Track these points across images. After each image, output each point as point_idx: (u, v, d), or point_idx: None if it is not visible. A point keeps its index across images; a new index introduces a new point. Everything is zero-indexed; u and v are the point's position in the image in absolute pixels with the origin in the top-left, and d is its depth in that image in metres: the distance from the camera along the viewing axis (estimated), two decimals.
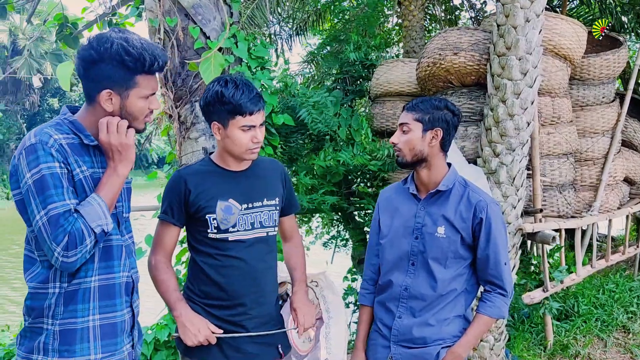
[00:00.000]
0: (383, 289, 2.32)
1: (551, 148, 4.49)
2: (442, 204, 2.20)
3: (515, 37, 3.67)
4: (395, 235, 2.27)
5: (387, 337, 2.25)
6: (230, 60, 4.09)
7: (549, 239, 3.92)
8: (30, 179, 1.60)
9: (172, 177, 2.24)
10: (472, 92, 4.22)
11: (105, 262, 1.78)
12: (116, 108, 1.73)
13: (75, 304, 1.71)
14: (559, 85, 4.44)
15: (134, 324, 1.91)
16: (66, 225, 1.58)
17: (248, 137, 2.10)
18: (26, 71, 32.89)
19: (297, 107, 4.62)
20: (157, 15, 4.07)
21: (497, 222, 2.17)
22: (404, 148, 2.18)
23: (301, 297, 2.37)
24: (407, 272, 2.22)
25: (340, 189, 5.04)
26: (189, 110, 4.12)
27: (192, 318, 2.14)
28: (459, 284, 2.20)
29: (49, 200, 1.58)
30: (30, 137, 1.65)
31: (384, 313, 2.29)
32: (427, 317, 2.18)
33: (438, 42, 4.25)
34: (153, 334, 4.26)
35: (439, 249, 2.17)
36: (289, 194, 2.39)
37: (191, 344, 2.11)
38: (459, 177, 2.26)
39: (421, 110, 2.16)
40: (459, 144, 4.11)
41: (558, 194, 4.53)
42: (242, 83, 2.09)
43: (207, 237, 2.17)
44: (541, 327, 4.71)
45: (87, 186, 1.70)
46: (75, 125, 1.73)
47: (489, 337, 3.93)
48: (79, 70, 1.72)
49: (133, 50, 1.67)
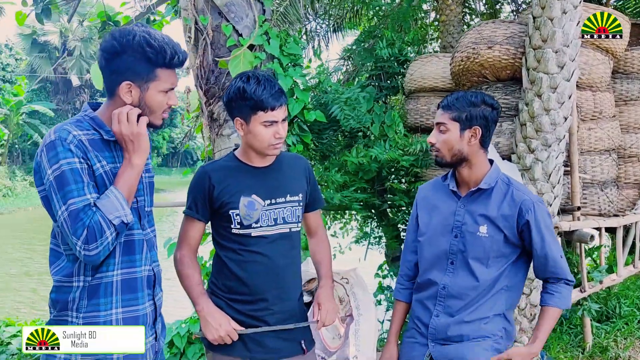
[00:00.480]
0: (421, 287, 2.27)
1: (592, 144, 4.35)
2: (483, 202, 2.13)
3: (552, 30, 3.56)
4: (433, 233, 2.22)
5: (424, 335, 2.20)
6: (262, 57, 4.12)
7: (586, 238, 3.80)
8: (52, 175, 1.63)
9: (197, 172, 2.27)
10: (507, 87, 4.12)
11: (127, 256, 1.80)
12: (135, 100, 1.75)
13: (98, 297, 1.74)
14: (600, 79, 4.30)
15: (157, 316, 1.94)
16: (85, 219, 1.61)
17: (270, 133, 2.10)
18: (76, 71, 34.04)
19: (329, 103, 4.62)
20: (191, 13, 4.13)
21: (545, 220, 2.09)
22: (442, 148, 2.12)
23: (326, 293, 2.34)
24: (445, 271, 2.17)
25: (372, 186, 5.00)
26: (222, 108, 4.17)
27: (214, 312, 2.15)
28: (500, 282, 2.13)
29: (69, 196, 1.61)
30: (50, 134, 1.68)
31: (421, 311, 2.24)
32: (464, 316, 2.13)
33: (472, 36, 4.17)
34: (187, 327, 4.35)
35: (481, 248, 2.10)
36: (313, 190, 2.37)
37: (212, 338, 2.13)
38: (501, 175, 2.17)
39: (457, 108, 2.08)
40: (494, 140, 4.02)
41: (599, 191, 4.39)
42: (264, 79, 2.10)
43: (230, 232, 2.19)
44: (580, 328, 4.57)
45: (108, 180, 1.73)
46: (96, 121, 1.77)
47: (523, 337, 3.83)
48: (101, 63, 1.74)
49: (155, 43, 1.70)
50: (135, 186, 1.77)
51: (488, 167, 2.16)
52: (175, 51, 1.75)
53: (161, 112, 1.81)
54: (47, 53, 33.92)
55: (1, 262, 15.01)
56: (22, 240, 18.22)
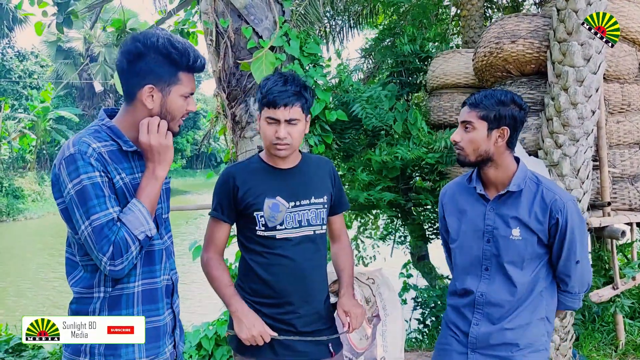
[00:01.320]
0: (457, 295, 2.20)
1: (621, 137, 4.25)
2: (513, 205, 2.05)
3: (577, 22, 3.49)
4: (464, 239, 2.15)
5: (464, 344, 2.13)
6: (282, 58, 4.12)
7: (618, 234, 3.71)
8: (72, 190, 1.61)
9: (222, 174, 2.27)
10: (532, 81, 4.05)
11: (148, 267, 1.79)
12: (156, 105, 1.72)
13: (120, 309, 1.72)
14: (628, 71, 4.20)
15: (175, 324, 1.92)
16: (110, 235, 1.59)
17: (271, 131, 2.09)
18: (101, 77, 34.56)
19: (350, 102, 4.59)
20: (211, 17, 4.15)
21: (574, 220, 2.02)
22: (467, 147, 2.04)
23: (349, 300, 2.30)
24: (481, 278, 2.10)
25: (397, 185, 4.97)
26: (244, 110, 4.18)
27: (248, 313, 2.15)
28: (538, 285, 2.07)
29: (92, 211, 1.59)
30: (69, 146, 1.65)
31: (458, 318, 2.18)
32: (505, 323, 2.06)
33: (495, 30, 4.11)
34: (214, 329, 4.37)
35: (515, 252, 2.03)
36: (338, 192, 2.35)
37: (244, 337, 2.12)
38: (529, 174, 2.09)
39: (486, 107, 2.00)
40: (519, 135, 3.95)
41: (630, 185, 4.28)
42: (286, 78, 2.10)
43: (255, 234, 2.19)
44: (612, 326, 4.48)
45: (128, 193, 1.71)
46: (114, 131, 1.73)
47: (554, 336, 3.76)
48: (122, 65, 1.71)
49: (178, 45, 1.70)
50: (157, 198, 1.75)
51: (515, 167, 2.08)
52: (196, 55, 1.74)
53: (179, 118, 1.79)
54: (72, 59, 34.51)
55: (34, 266, 15.33)
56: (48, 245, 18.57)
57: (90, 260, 1.70)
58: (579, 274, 2.08)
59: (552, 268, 2.11)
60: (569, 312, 3.77)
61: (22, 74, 32.83)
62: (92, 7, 5.82)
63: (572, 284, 2.10)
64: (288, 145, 2.12)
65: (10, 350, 4.86)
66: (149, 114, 1.73)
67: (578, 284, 2.10)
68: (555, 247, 2.04)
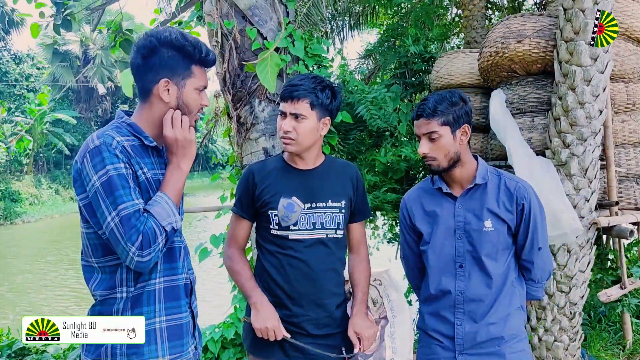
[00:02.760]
0: (434, 299, 2.20)
1: (626, 137, 4.25)
2: (481, 198, 2.12)
3: (584, 21, 3.48)
4: (436, 239, 2.18)
5: (450, 349, 2.13)
6: (287, 59, 4.10)
7: (626, 233, 3.71)
8: (98, 181, 1.60)
9: (244, 171, 2.30)
10: (539, 81, 4.03)
11: (169, 263, 1.79)
12: (173, 99, 1.74)
13: (141, 306, 1.71)
14: (632, 70, 4.19)
15: (195, 325, 1.92)
16: (138, 225, 1.58)
17: (279, 124, 2.16)
18: (98, 79, 34.50)
19: (355, 103, 4.58)
20: (215, 18, 4.13)
21: (535, 206, 2.12)
22: (438, 156, 2.09)
23: (361, 320, 2.26)
24: (456, 276, 2.13)
25: (402, 186, 4.95)
26: (249, 112, 4.16)
27: (267, 305, 2.15)
28: (510, 275, 2.14)
29: (119, 201, 1.59)
30: (93, 139, 1.66)
31: (439, 323, 2.18)
32: (488, 318, 2.09)
33: (500, 30, 4.09)
34: (220, 332, 4.35)
35: (490, 244, 2.09)
36: (361, 200, 2.33)
37: (258, 327, 2.11)
38: (489, 167, 2.19)
39: (443, 112, 2.06)
40: (526, 135, 3.94)
41: (635, 185, 4.28)
42: (311, 77, 2.16)
43: (269, 233, 2.19)
44: (619, 325, 4.47)
45: (150, 187, 1.71)
46: (134, 128, 1.75)
47: (563, 336, 3.75)
48: (136, 62, 1.73)
49: (191, 39, 1.74)
50: (181, 191, 1.76)
51: (475, 162, 2.17)
52: (208, 49, 1.78)
53: (195, 113, 1.81)
54: (68, 62, 34.44)
55: (33, 269, 15.27)
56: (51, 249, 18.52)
57: (107, 261, 1.70)
58: (541, 261, 2.17)
59: (517, 260, 2.19)
60: (578, 312, 3.75)
61: (19, 76, 32.74)
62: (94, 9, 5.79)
63: (535, 271, 2.18)
64: (292, 140, 2.13)
65: (13, 355, 4.83)
66: (166, 108, 1.75)
67: (540, 271, 2.19)
68: (521, 233, 2.12)
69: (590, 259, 3.78)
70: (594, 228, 3.71)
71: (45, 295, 12.22)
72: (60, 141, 31.80)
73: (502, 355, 2.08)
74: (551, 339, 3.78)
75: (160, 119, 1.75)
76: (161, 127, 1.75)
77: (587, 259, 3.74)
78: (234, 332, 4.29)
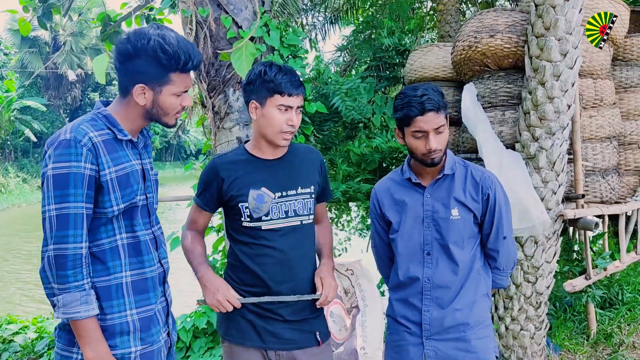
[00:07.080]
0: (403, 286, 2.25)
1: (593, 132, 4.34)
2: (449, 187, 2.17)
3: (554, 17, 3.55)
4: (405, 227, 2.23)
5: (417, 334, 2.18)
6: (262, 49, 4.09)
7: (591, 226, 3.80)
8: (52, 171, 1.62)
9: (207, 164, 2.28)
10: (510, 76, 4.10)
11: (135, 257, 1.81)
12: (148, 102, 1.76)
13: (111, 299, 1.74)
14: (600, 67, 4.29)
15: (168, 312, 1.95)
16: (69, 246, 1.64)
17: (284, 119, 2.11)
18: (68, 66, 33.77)
19: (330, 95, 4.60)
20: (189, 6, 4.09)
21: (500, 196, 2.18)
22: (443, 148, 2.13)
23: (327, 269, 2.31)
24: (424, 263, 2.18)
25: (375, 177, 4.99)
26: (223, 100, 4.14)
27: (212, 278, 2.16)
28: (476, 263, 2.19)
29: (64, 200, 1.62)
30: (66, 131, 1.67)
31: (407, 310, 2.22)
32: (455, 304, 2.14)
33: (473, 24, 4.15)
34: (192, 322, 4.34)
35: (456, 232, 2.13)
36: (324, 183, 2.37)
37: (210, 302, 2.13)
38: (456, 158, 2.24)
39: (445, 105, 2.11)
40: (497, 129, 4.01)
41: (601, 179, 4.39)
42: (287, 68, 2.13)
43: (241, 225, 2.19)
44: (584, 315, 4.59)
45: (112, 187, 1.71)
46: (110, 120, 1.76)
47: (529, 325, 3.85)
48: (116, 63, 1.74)
49: (169, 48, 1.69)
50: None
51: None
52: (189, 55, 1.74)
53: (174, 113, 1.82)
54: (37, 48, 33.63)
55: None
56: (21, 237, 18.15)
57: None
58: (505, 250, 2.23)
59: (483, 249, 2.25)
60: (544, 302, 3.85)
61: None
62: None
63: (500, 259, 2.25)
64: (294, 132, 2.16)
65: None
66: (142, 109, 1.78)
67: (505, 259, 2.26)
68: (486, 222, 2.18)
69: (556, 250, 3.88)
70: (560, 220, 3.80)
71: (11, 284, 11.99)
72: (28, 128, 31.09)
73: (468, 341, 2.14)
74: (517, 328, 3.87)
75: (137, 115, 1.78)
76: (137, 123, 1.79)
77: (553, 250, 3.84)
78: (206, 321, 4.29)
